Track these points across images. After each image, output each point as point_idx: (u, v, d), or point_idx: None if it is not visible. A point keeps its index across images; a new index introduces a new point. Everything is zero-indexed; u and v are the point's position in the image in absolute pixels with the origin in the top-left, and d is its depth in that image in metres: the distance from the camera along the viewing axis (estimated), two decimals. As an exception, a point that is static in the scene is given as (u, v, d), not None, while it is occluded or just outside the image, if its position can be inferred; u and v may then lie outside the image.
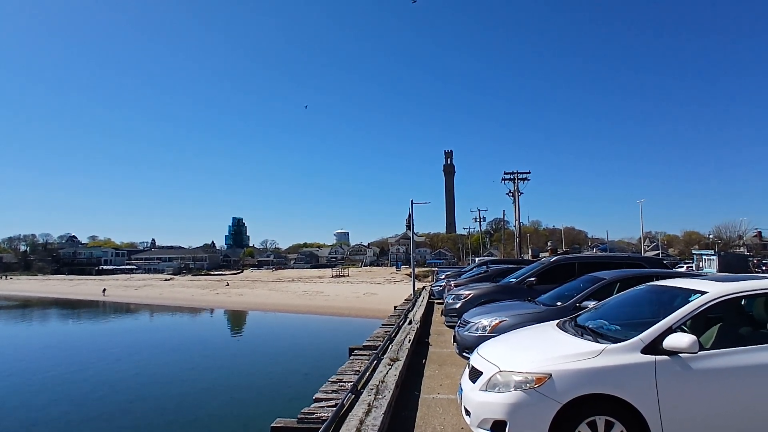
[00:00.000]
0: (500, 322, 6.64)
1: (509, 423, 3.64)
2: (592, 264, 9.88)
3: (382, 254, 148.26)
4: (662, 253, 69.57)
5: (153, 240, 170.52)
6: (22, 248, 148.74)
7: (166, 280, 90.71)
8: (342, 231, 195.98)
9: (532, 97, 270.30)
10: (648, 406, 3.51)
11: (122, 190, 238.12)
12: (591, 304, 6.00)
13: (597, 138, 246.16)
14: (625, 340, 3.77)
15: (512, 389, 3.72)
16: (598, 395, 3.56)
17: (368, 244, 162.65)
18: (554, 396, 3.57)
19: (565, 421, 3.56)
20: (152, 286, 76.45)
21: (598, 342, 3.92)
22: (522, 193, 37.27)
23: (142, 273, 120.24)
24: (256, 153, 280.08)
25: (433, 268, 69.24)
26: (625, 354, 3.66)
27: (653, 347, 3.65)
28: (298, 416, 5.08)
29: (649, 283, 5.37)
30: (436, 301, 20.04)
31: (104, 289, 68.68)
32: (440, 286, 20.27)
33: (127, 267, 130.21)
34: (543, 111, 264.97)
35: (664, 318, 3.82)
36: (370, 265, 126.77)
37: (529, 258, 34.41)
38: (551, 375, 3.63)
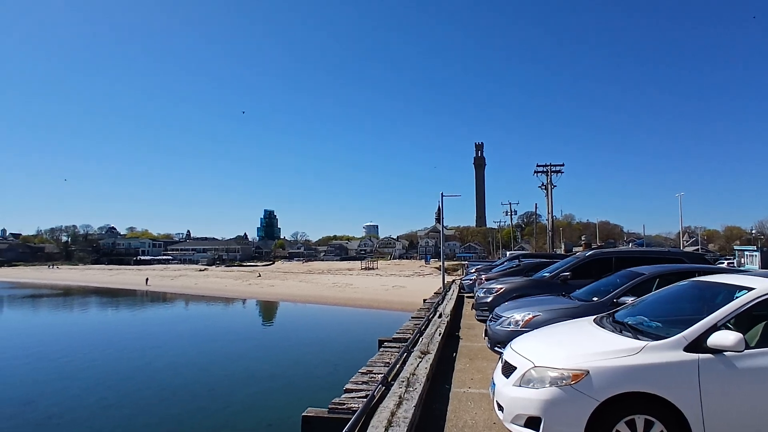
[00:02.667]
0: (534, 317, 6.52)
1: (544, 420, 3.57)
2: (630, 259, 9.59)
3: (411, 247, 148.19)
4: (702, 248, 66.90)
5: (188, 231, 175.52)
6: (64, 239, 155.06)
7: (200, 270, 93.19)
8: (371, 224, 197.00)
9: (566, 90, 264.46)
10: (690, 406, 3.39)
11: (159, 183, 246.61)
12: (629, 300, 5.83)
13: (634, 131, 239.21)
14: (667, 338, 3.63)
15: (547, 385, 3.64)
16: (638, 393, 3.46)
17: (397, 237, 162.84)
18: (591, 393, 3.48)
19: (602, 420, 3.47)
20: (187, 276, 78.69)
21: (638, 339, 3.80)
22: (555, 186, 36.46)
23: (177, 263, 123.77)
24: (287, 147, 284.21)
25: (463, 262, 68.85)
26: (666, 351, 3.54)
27: (696, 345, 3.51)
28: (329, 406, 5.13)
29: (691, 279, 5.18)
30: (466, 294, 19.90)
31: (147, 279, 71.13)
32: (470, 279, 20.13)
33: (164, 257, 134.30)
34: (579, 103, 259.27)
35: (708, 315, 3.67)
36: (399, 258, 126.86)
37: (562, 252, 33.68)
38: (588, 372, 3.54)
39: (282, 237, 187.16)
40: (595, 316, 4.91)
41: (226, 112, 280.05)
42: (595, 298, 6.85)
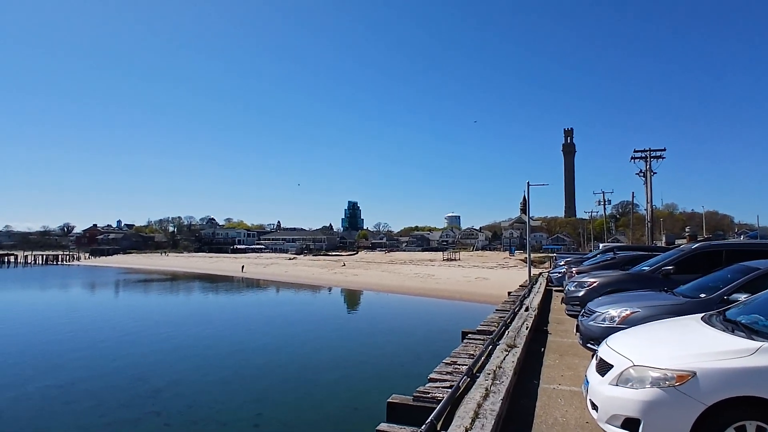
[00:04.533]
0: (631, 313, 6.12)
1: (644, 422, 3.38)
2: (743, 252, 8.63)
3: (494, 238, 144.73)
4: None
5: (278, 222, 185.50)
6: (171, 229, 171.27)
7: (290, 259, 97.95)
8: (453, 214, 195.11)
9: (666, 73, 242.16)
10: None
11: (254, 176, 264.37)
12: (742, 297, 5.32)
13: (744, 112, 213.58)
14: (788, 339, 3.28)
15: (648, 386, 3.43)
16: (751, 398, 3.16)
17: (480, 227, 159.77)
18: (698, 396, 3.24)
19: (709, 425, 3.22)
20: (278, 264, 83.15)
21: (752, 339, 3.46)
22: (655, 173, 33.68)
23: (269, 252, 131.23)
24: (371, 139, 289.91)
25: (551, 254, 66.02)
26: None
27: None
28: (414, 394, 5.21)
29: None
30: (554, 288, 19.17)
31: (242, 266, 76.49)
32: (559, 272, 19.34)
33: (257, 246, 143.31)
34: (681, 89, 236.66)
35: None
36: (481, 250, 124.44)
37: (663, 245, 31.07)
38: (695, 373, 3.29)
39: (365, 227, 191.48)
40: (702, 314, 4.52)
41: (312, 113, 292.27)
42: (702, 295, 6.28)
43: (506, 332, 8.23)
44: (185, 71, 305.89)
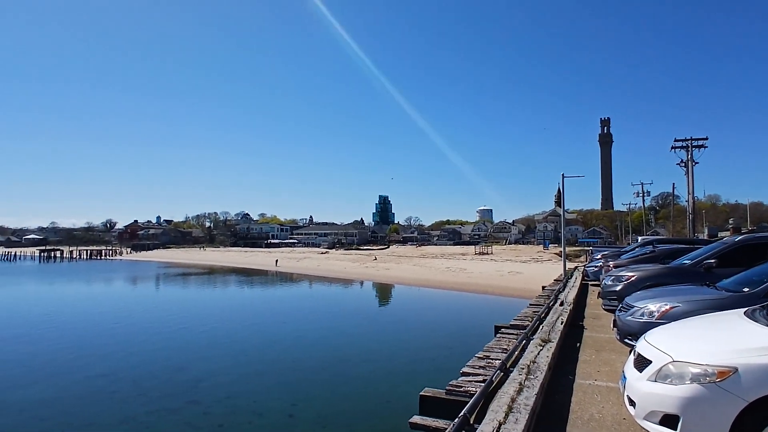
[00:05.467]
0: (672, 307, 5.95)
1: (683, 419, 3.31)
2: (789, 244, 8.28)
3: (527, 232, 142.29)
4: None
5: (311, 217, 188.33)
6: (207, 224, 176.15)
7: (322, 253, 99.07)
8: (485, 208, 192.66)
9: (706, 61, 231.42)
10: None
11: (287, 171, 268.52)
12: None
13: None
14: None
15: (688, 382, 3.36)
16: None
17: (513, 221, 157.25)
18: (739, 393, 3.15)
19: (749, 422, 3.14)
20: (311, 258, 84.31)
21: None
22: (697, 163, 32.43)
23: (302, 246, 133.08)
24: (403, 131, 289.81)
25: (586, 248, 64.50)
26: None
27: None
28: (446, 387, 5.23)
29: None
30: (590, 282, 18.78)
31: (276, 260, 78.02)
32: (595, 266, 18.91)
33: (290, 241, 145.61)
34: (722, 71, 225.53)
35: None
36: (514, 243, 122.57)
37: (705, 237, 29.88)
38: (737, 369, 3.20)
39: (396, 222, 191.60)
40: (745, 309, 4.37)
41: (346, 108, 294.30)
42: (746, 289, 6.04)
43: (540, 327, 8.13)
44: (225, 64, 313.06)
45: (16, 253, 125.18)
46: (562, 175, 23.84)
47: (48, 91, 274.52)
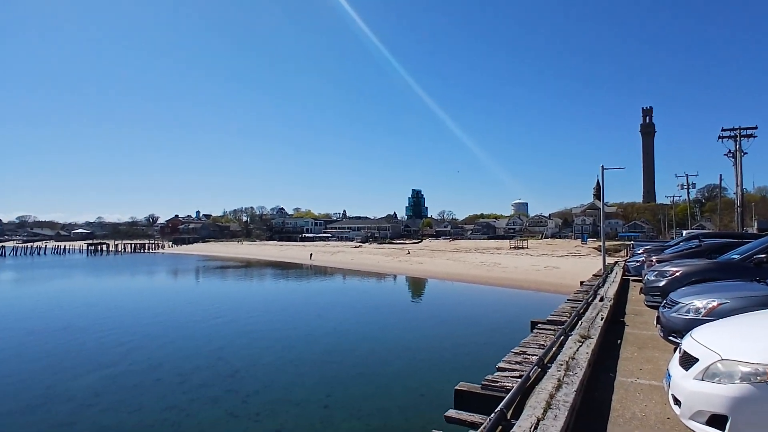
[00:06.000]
0: (719, 304, 5.70)
1: (731, 419, 3.18)
2: None
3: (564, 226, 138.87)
4: None
5: (344, 211, 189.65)
6: (244, 218, 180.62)
7: (355, 247, 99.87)
8: (520, 201, 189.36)
9: (753, 46, 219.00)
10: None
11: (321, 166, 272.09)
12: None
13: None
14: None
15: (737, 381, 3.22)
16: None
17: (549, 215, 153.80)
18: None
19: None
20: (344, 252, 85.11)
21: None
22: (746, 153, 30.68)
23: (335, 240, 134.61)
24: (433, 127, 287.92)
25: (627, 242, 62.53)
26: None
27: None
28: (482, 382, 5.19)
29: None
30: (631, 277, 18.19)
31: (311, 254, 79.27)
32: (637, 261, 18.31)
33: (324, 235, 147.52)
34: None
35: None
36: (551, 237, 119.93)
37: (754, 231, 28.46)
38: None
39: (429, 216, 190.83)
40: (802, 307, 4.15)
41: (380, 104, 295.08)
42: (800, 286, 5.74)
43: (579, 323, 7.95)
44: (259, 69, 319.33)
45: (65, 246, 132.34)
46: (602, 167, 23.13)
47: (95, 101, 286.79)
